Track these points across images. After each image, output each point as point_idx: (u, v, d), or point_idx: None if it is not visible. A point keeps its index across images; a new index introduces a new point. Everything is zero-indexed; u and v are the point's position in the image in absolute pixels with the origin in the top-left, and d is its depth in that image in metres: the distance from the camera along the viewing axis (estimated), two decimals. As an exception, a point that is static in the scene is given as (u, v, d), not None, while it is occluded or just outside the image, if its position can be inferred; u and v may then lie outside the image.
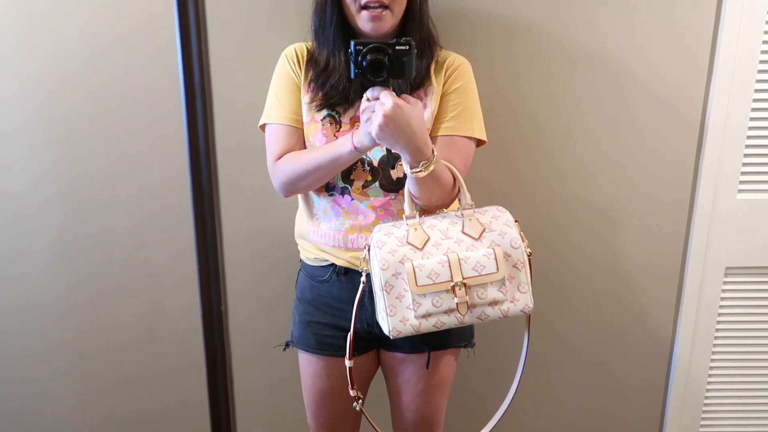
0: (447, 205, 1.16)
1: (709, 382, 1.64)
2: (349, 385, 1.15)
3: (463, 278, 1.04)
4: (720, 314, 1.59)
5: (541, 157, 1.49)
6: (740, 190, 1.50)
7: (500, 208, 1.13)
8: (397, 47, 0.98)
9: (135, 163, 1.49)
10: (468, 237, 1.07)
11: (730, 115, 1.44)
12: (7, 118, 1.46)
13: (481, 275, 1.04)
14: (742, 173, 1.49)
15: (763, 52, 1.41)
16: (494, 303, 1.06)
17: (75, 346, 1.62)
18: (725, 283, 1.57)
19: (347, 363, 1.14)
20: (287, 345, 1.31)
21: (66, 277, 1.56)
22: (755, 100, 1.44)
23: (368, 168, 1.16)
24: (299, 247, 1.29)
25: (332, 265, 1.20)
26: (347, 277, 1.19)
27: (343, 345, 1.17)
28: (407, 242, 1.06)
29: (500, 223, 1.09)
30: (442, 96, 1.17)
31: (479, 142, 1.21)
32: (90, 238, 1.53)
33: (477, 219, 1.09)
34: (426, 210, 1.15)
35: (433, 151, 1.04)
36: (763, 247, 1.54)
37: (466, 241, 1.06)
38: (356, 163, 1.15)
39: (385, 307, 1.05)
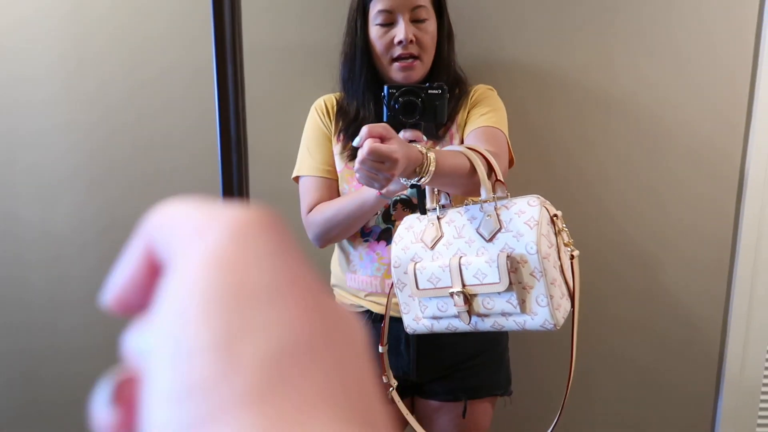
0: (475, 193, 1.00)
1: (764, 390, 1.54)
2: (382, 371, 1.08)
3: (464, 286, 0.91)
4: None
5: (578, 197, 1.49)
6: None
7: (533, 201, 0.90)
8: (429, 91, 0.97)
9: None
10: (481, 237, 0.92)
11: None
12: (47, 118, 1.50)
13: (482, 284, 0.90)
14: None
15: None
16: (506, 314, 0.91)
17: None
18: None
19: (380, 349, 1.08)
20: None
21: (102, 270, 1.56)
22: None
23: (404, 207, 1.15)
24: (335, 294, 1.26)
25: (368, 311, 1.18)
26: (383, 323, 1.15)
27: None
28: (420, 239, 0.98)
29: (520, 222, 0.88)
30: (469, 111, 1.15)
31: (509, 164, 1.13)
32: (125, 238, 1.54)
33: (497, 215, 0.92)
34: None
35: (420, 151, 0.88)
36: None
37: (477, 242, 0.92)
38: (396, 204, 1.15)
39: (400, 303, 1.01)
